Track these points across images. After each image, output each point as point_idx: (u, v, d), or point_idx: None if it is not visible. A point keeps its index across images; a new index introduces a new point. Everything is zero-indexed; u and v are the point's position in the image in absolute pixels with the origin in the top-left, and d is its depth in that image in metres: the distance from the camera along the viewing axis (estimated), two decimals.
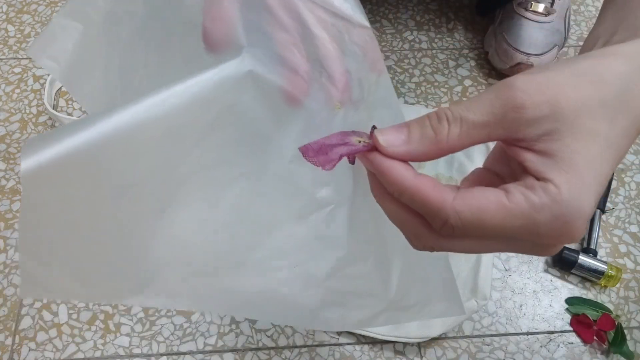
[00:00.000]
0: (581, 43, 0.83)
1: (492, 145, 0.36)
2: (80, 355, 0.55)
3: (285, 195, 0.34)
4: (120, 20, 0.37)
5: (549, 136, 0.25)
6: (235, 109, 0.30)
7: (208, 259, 0.35)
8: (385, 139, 0.27)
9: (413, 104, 0.74)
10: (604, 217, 0.66)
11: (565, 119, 0.24)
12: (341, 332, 0.57)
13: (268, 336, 0.57)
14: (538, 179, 0.25)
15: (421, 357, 0.56)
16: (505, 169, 0.29)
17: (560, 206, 0.24)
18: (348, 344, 0.57)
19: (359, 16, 0.31)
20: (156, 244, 0.33)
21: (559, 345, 0.58)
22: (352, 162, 0.30)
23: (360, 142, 0.28)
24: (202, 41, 0.31)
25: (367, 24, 0.31)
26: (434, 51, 0.81)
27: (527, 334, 0.58)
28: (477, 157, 0.65)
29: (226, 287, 0.36)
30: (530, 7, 0.74)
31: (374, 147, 0.28)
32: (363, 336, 0.57)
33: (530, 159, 0.25)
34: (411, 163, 0.27)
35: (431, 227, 0.27)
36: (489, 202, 0.25)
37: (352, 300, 0.38)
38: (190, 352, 0.56)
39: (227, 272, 0.36)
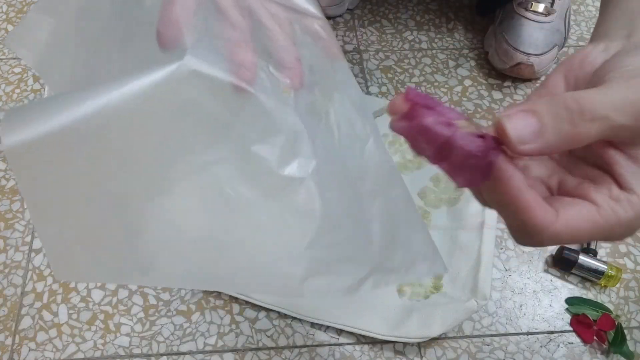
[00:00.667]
0: (581, 43, 0.83)
1: None
2: (80, 355, 0.55)
3: (253, 177, 0.35)
4: (88, 16, 0.39)
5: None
6: (188, 104, 0.32)
7: (195, 242, 0.37)
8: (515, 131, 0.23)
9: None
10: None
11: None
12: (341, 332, 0.57)
13: (268, 336, 0.57)
14: (622, 187, 0.25)
15: (421, 357, 0.56)
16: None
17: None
18: (348, 344, 0.57)
19: (312, 8, 0.34)
20: (149, 226, 0.35)
21: (559, 345, 0.58)
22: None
23: (465, 127, 0.24)
24: (157, 42, 0.33)
25: (319, 14, 0.34)
26: (434, 51, 0.81)
27: (527, 334, 0.58)
28: None
29: (215, 267, 0.38)
30: (531, 7, 0.74)
31: (493, 141, 0.23)
32: (363, 336, 0.57)
33: (622, 163, 0.25)
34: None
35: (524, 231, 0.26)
36: (585, 221, 0.25)
37: (337, 268, 0.39)
38: (190, 352, 0.56)
39: (213, 254, 0.37)
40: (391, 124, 0.25)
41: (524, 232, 0.25)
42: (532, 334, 0.58)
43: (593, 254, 0.62)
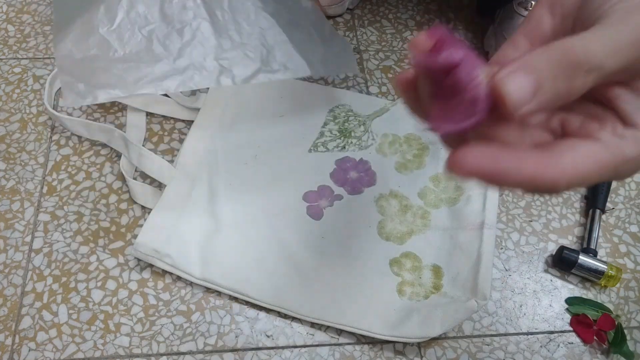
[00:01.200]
0: None
1: None
2: (80, 355, 0.55)
3: None
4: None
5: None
6: None
7: None
8: (513, 94, 0.22)
9: None
10: (604, 217, 0.66)
11: None
12: (341, 332, 0.57)
13: (268, 336, 0.57)
14: (627, 122, 0.24)
15: (421, 357, 0.56)
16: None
17: None
18: (348, 344, 0.57)
19: None
20: None
21: (559, 345, 0.58)
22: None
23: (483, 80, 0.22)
24: None
25: None
26: None
27: (527, 334, 0.58)
28: None
29: None
30: (531, 7, 0.74)
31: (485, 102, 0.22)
32: (363, 336, 0.57)
33: (625, 98, 0.24)
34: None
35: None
36: (592, 162, 0.24)
37: (239, 61, 0.58)
38: (190, 352, 0.56)
39: None
40: (413, 61, 0.24)
41: (541, 192, 0.24)
42: (532, 334, 0.58)
43: (593, 254, 0.62)
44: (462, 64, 0.22)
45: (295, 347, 0.56)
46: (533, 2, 0.74)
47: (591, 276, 0.61)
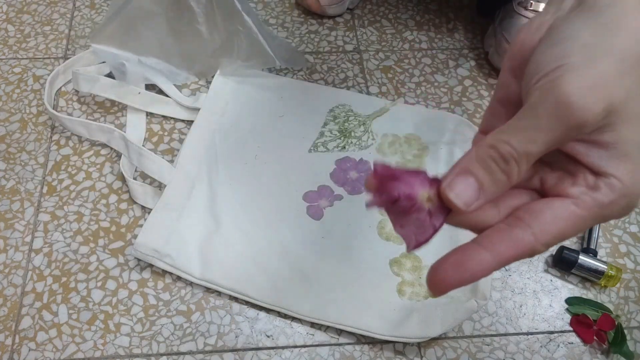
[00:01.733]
0: None
1: None
2: (80, 355, 0.55)
3: None
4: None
5: (602, 129, 0.24)
6: None
7: None
8: (460, 198, 0.25)
9: (413, 104, 0.74)
10: None
11: (617, 111, 0.24)
12: (341, 332, 0.57)
13: (268, 336, 0.57)
14: (597, 173, 0.25)
15: (421, 357, 0.56)
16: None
17: (628, 198, 0.25)
18: (348, 344, 0.57)
19: None
20: None
21: (559, 345, 0.58)
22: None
23: (428, 201, 0.27)
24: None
25: None
26: (434, 51, 0.81)
27: (527, 334, 0.58)
28: None
29: None
30: (531, 7, 0.74)
31: (444, 207, 0.26)
32: (363, 336, 0.57)
33: (586, 152, 0.25)
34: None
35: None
36: (564, 220, 0.25)
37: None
38: (190, 352, 0.56)
39: None
40: (366, 203, 0.28)
41: (521, 259, 0.26)
42: (532, 334, 0.58)
43: (593, 254, 0.62)
44: (400, 196, 0.26)
45: (295, 347, 0.56)
46: (533, 2, 0.74)
47: (591, 276, 0.61)
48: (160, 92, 0.72)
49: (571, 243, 0.64)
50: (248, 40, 0.69)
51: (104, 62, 0.74)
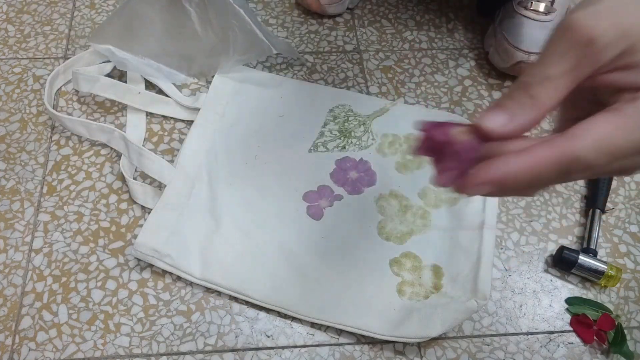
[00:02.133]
0: None
1: None
2: (80, 355, 0.55)
3: None
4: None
5: (627, 52, 0.26)
6: None
7: None
8: (491, 122, 0.29)
9: (413, 104, 0.74)
10: (604, 217, 0.66)
11: (637, 34, 0.26)
12: (341, 332, 0.57)
13: (268, 336, 0.57)
14: (636, 89, 0.27)
15: (421, 357, 0.56)
16: (582, 112, 0.30)
17: None
18: (348, 344, 0.57)
19: None
20: None
21: (559, 345, 0.58)
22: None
23: (465, 135, 0.30)
24: None
25: None
26: (434, 51, 0.81)
27: (527, 334, 0.58)
28: None
29: None
30: (531, 7, 0.74)
31: (475, 143, 0.29)
32: (363, 336, 0.57)
33: (620, 77, 0.27)
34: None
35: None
36: (606, 123, 0.27)
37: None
38: (190, 352, 0.56)
39: None
40: (414, 150, 0.32)
41: (573, 175, 0.28)
42: (532, 334, 0.58)
43: (593, 253, 0.62)
44: (440, 136, 0.31)
45: (295, 347, 0.56)
46: (533, 2, 0.74)
47: (591, 276, 0.61)
48: (160, 92, 0.72)
49: (571, 243, 0.64)
50: (243, 32, 0.69)
51: (104, 62, 0.74)
